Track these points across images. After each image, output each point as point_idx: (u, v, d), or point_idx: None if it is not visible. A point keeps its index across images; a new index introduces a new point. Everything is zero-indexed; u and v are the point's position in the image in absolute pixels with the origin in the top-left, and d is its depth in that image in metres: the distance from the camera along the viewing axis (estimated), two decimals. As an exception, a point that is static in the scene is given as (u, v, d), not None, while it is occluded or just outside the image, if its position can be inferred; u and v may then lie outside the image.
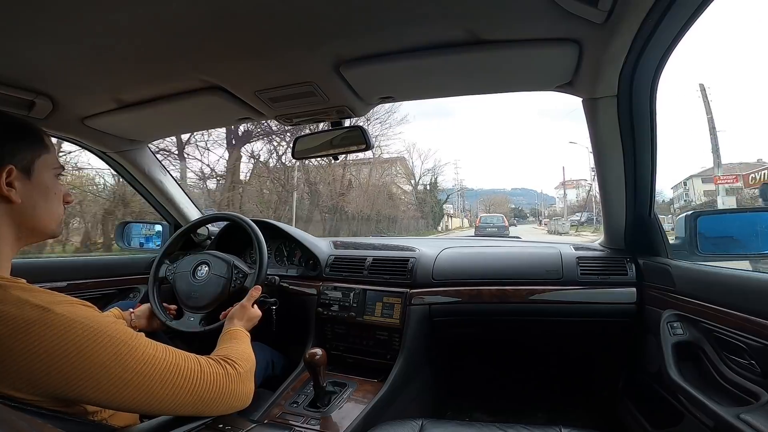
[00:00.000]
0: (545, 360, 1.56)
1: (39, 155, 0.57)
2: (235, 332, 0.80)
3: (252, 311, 0.94)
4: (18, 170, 0.54)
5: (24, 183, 0.55)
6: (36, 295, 0.49)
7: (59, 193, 0.60)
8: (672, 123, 70.80)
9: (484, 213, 40.44)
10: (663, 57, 0.70)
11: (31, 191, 0.55)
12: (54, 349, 0.46)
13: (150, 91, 0.89)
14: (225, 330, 0.82)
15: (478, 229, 17.33)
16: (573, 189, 49.64)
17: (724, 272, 0.82)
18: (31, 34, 0.63)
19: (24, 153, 0.55)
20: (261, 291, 1.03)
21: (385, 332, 1.20)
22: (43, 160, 0.58)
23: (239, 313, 0.91)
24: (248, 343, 0.78)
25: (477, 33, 0.68)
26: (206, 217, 1.36)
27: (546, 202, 60.66)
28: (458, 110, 61.72)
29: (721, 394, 0.76)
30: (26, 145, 0.56)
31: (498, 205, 54.66)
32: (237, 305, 0.93)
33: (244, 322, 0.89)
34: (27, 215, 0.55)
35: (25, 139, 0.57)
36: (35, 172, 0.56)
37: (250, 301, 0.96)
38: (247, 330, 0.85)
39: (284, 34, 0.66)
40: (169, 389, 0.54)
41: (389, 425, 0.83)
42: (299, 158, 1.14)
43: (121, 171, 1.36)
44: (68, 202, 0.63)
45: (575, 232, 21.21)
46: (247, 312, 0.92)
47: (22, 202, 0.54)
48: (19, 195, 0.54)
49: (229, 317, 0.90)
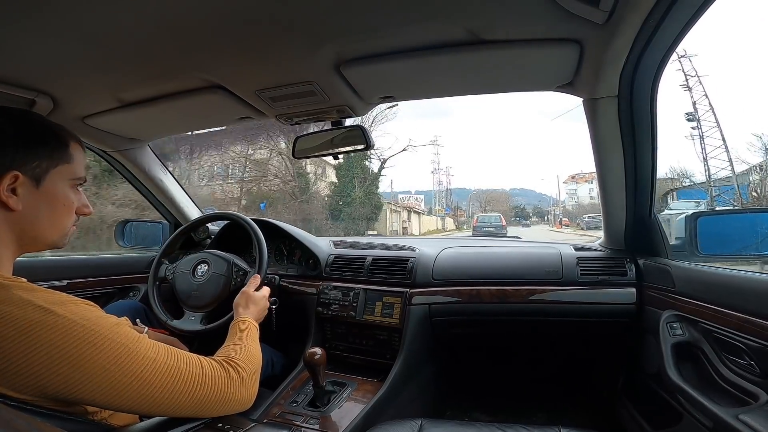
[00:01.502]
0: (545, 360, 1.56)
1: (56, 165, 0.56)
2: (243, 324, 0.80)
3: (256, 295, 0.94)
4: (26, 177, 0.52)
5: (30, 191, 0.53)
6: (39, 295, 0.49)
7: (70, 204, 0.58)
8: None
9: (480, 212, 36.88)
10: (664, 57, 0.70)
11: (36, 200, 0.54)
12: (54, 351, 0.46)
13: (151, 90, 0.89)
14: (234, 321, 0.82)
15: (476, 229, 17.18)
16: (585, 183, 45.81)
17: (724, 273, 0.82)
18: (31, 33, 0.63)
19: (40, 161, 0.54)
20: (260, 280, 1.04)
21: (385, 332, 1.20)
22: (59, 170, 0.56)
23: (243, 300, 0.91)
24: (255, 338, 0.78)
25: (477, 33, 0.68)
26: (206, 216, 1.36)
27: (544, 202, 56.52)
28: (455, 110, 61.77)
29: (720, 394, 0.76)
30: (45, 153, 0.55)
31: (496, 202, 46.56)
32: (239, 294, 0.94)
33: (251, 309, 0.90)
34: (27, 223, 0.54)
35: (46, 147, 0.55)
36: (46, 182, 0.55)
37: (251, 287, 0.97)
38: (255, 317, 0.86)
39: (285, 33, 0.66)
40: (169, 393, 0.54)
41: (389, 425, 0.83)
42: (299, 158, 1.14)
43: (121, 170, 1.36)
44: (84, 213, 0.61)
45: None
46: (251, 298, 0.92)
47: (23, 210, 0.53)
48: (21, 202, 0.52)
49: (235, 306, 0.90)
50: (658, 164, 0.94)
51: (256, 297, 0.94)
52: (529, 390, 1.54)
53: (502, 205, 45.53)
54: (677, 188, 16.59)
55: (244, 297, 0.92)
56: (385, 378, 1.09)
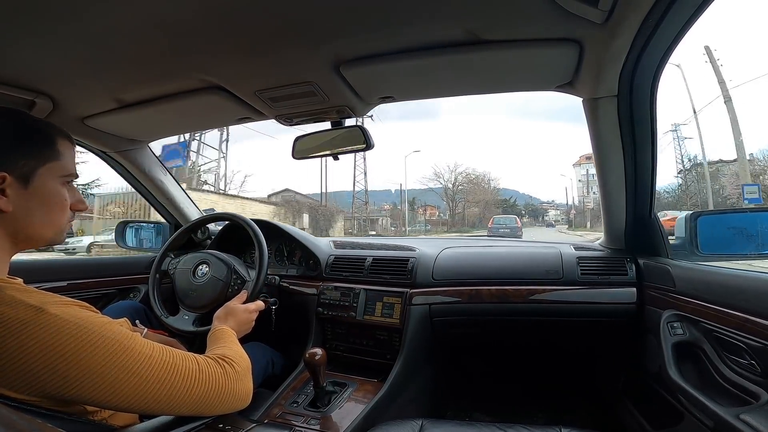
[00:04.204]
0: (545, 360, 1.56)
1: (44, 163, 0.55)
2: (221, 332, 0.79)
3: (237, 308, 0.92)
4: (14, 178, 0.52)
5: (19, 191, 0.52)
6: (31, 295, 0.49)
7: (63, 201, 0.58)
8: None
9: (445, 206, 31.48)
10: (663, 57, 0.70)
11: (26, 200, 0.53)
12: (48, 349, 0.46)
13: (150, 90, 0.89)
14: (211, 332, 0.80)
15: (491, 230, 17.38)
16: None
17: (724, 272, 0.82)
18: (31, 34, 0.63)
19: (27, 160, 0.53)
20: (247, 296, 1.02)
21: (385, 332, 1.20)
22: (48, 168, 0.55)
23: (222, 314, 0.89)
24: (238, 343, 0.77)
25: (477, 33, 0.68)
26: (208, 216, 1.37)
27: (535, 202, 51.11)
28: (443, 112, 60.79)
29: (721, 394, 0.76)
30: (32, 152, 0.54)
31: (476, 191, 32.16)
32: (222, 306, 0.92)
33: (230, 321, 0.87)
34: (20, 223, 0.53)
35: (33, 145, 0.54)
36: (35, 181, 0.54)
37: (236, 301, 0.95)
38: (234, 329, 0.83)
39: (285, 33, 0.66)
40: (167, 389, 0.53)
41: (389, 425, 0.83)
42: (299, 158, 1.14)
43: (121, 171, 1.36)
44: (79, 209, 0.61)
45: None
46: (231, 311, 0.90)
47: (14, 211, 0.52)
48: (12, 203, 0.52)
49: (214, 317, 0.89)
50: (657, 164, 0.94)
51: (237, 310, 0.91)
52: (530, 390, 1.54)
53: (484, 195, 32.35)
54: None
55: (224, 310, 0.91)
56: (386, 378, 1.09)
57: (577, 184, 36.55)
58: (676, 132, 21.08)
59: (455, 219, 31.03)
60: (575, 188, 37.36)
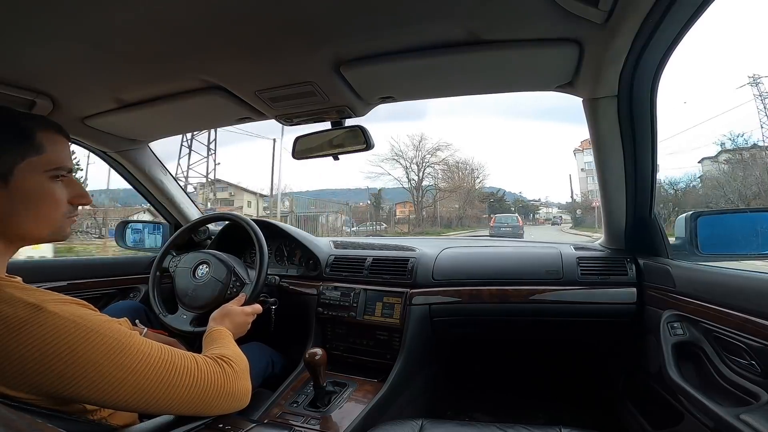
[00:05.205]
0: (545, 360, 1.56)
1: (22, 158, 0.51)
2: (217, 332, 0.78)
3: (234, 310, 0.91)
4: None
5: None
6: (29, 293, 0.49)
7: (52, 196, 0.54)
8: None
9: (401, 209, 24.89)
10: (663, 57, 0.70)
11: (8, 199, 0.50)
12: (46, 347, 0.46)
13: (150, 90, 0.89)
14: (207, 333, 0.80)
15: (493, 229, 16.82)
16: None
17: (724, 272, 0.82)
18: (31, 34, 0.63)
19: (1, 157, 0.50)
20: (245, 299, 1.02)
21: (385, 332, 1.20)
22: (29, 163, 0.52)
23: (218, 315, 0.88)
24: (235, 343, 0.77)
25: (477, 33, 0.68)
26: (209, 216, 1.37)
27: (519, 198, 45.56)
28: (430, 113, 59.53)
29: (721, 394, 0.76)
30: (6, 148, 0.51)
31: (456, 180, 25.09)
32: (219, 308, 0.92)
33: (226, 323, 0.86)
34: (7, 224, 0.51)
35: (5, 141, 0.51)
36: (15, 178, 0.51)
37: (234, 304, 0.95)
38: (230, 330, 0.82)
39: (285, 34, 0.67)
40: (165, 388, 0.53)
41: (389, 425, 0.83)
42: (299, 158, 1.14)
43: (121, 171, 1.36)
44: (81, 203, 0.58)
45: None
46: (228, 313, 0.89)
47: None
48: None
49: (210, 318, 0.88)
50: (657, 164, 0.94)
51: (234, 312, 0.90)
52: (530, 390, 1.54)
53: (462, 183, 25.13)
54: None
55: (221, 311, 0.90)
56: (386, 378, 1.09)
57: (579, 174, 28.85)
58: (757, 85, 14.04)
59: (422, 216, 23.11)
60: (577, 180, 29.57)
